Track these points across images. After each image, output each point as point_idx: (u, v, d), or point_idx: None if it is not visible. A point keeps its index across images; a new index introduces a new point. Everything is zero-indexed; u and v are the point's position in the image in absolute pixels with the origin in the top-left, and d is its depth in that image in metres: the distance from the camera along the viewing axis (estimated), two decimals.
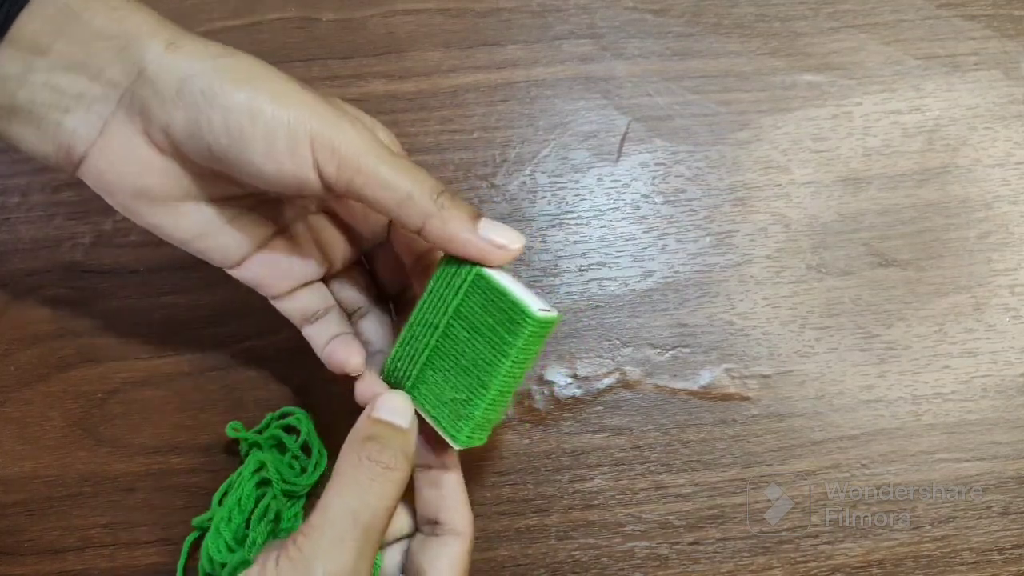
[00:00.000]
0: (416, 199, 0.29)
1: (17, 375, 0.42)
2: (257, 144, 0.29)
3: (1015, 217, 0.44)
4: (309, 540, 0.29)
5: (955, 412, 0.42)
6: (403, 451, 0.31)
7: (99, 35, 0.29)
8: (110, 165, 0.31)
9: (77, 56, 0.29)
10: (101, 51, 0.29)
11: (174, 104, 0.29)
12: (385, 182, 0.29)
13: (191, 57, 0.29)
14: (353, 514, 0.29)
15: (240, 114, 0.28)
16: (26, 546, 0.40)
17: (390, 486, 0.30)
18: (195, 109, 0.29)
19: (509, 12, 0.45)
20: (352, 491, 0.30)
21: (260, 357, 0.42)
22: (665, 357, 0.42)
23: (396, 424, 0.31)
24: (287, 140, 0.29)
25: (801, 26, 0.45)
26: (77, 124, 0.30)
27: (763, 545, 0.41)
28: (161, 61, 0.29)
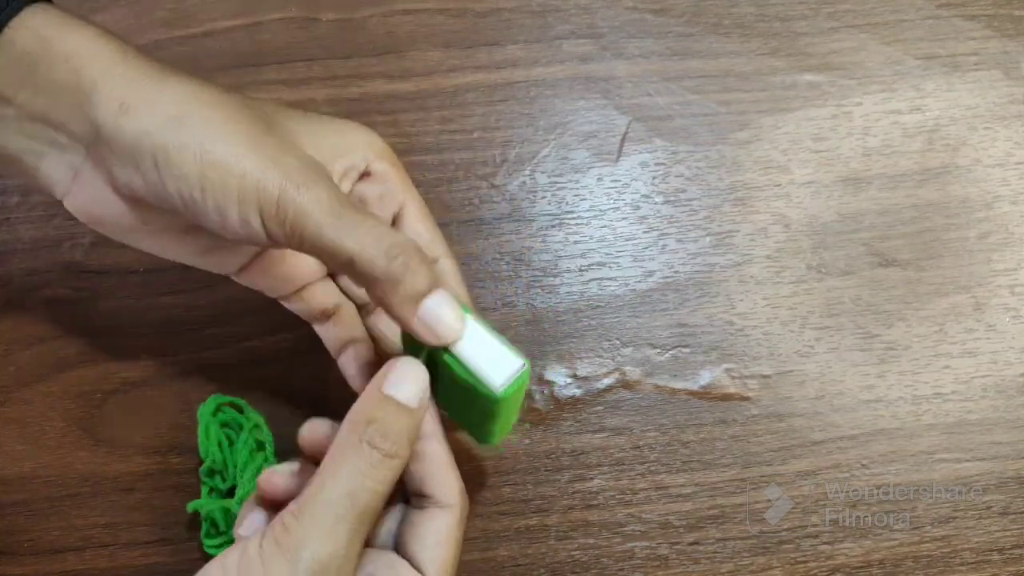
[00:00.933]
0: (357, 265, 0.28)
1: (17, 375, 0.42)
2: (209, 212, 0.29)
3: (1015, 217, 0.44)
4: (300, 523, 0.27)
5: (955, 412, 0.42)
6: (407, 436, 0.29)
7: (59, 86, 0.29)
8: (87, 207, 0.31)
9: (40, 108, 0.29)
10: (62, 104, 0.29)
11: (132, 169, 0.29)
12: (326, 248, 0.28)
13: (142, 121, 0.29)
14: (350, 497, 0.28)
15: (191, 183, 0.28)
16: (26, 546, 0.40)
17: (389, 473, 0.29)
18: (150, 176, 0.29)
19: (509, 12, 0.45)
20: (349, 474, 0.28)
21: (260, 357, 0.42)
22: (665, 357, 0.42)
23: (405, 404, 0.29)
24: (236, 210, 0.29)
25: (801, 26, 0.45)
26: (52, 170, 0.31)
27: (763, 545, 0.41)
28: (114, 125, 0.29)
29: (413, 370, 0.30)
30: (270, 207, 0.28)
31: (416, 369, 0.30)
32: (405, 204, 0.35)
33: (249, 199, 0.28)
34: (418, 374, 0.30)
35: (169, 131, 0.28)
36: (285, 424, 0.42)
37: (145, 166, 0.29)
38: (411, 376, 0.30)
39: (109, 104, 0.29)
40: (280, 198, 0.28)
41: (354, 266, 0.28)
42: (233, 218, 0.29)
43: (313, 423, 0.32)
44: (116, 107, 0.29)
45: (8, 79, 0.29)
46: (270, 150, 0.29)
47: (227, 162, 0.28)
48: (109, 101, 0.29)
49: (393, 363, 0.30)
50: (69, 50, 0.29)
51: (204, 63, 0.44)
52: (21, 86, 0.29)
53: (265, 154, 0.29)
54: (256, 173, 0.28)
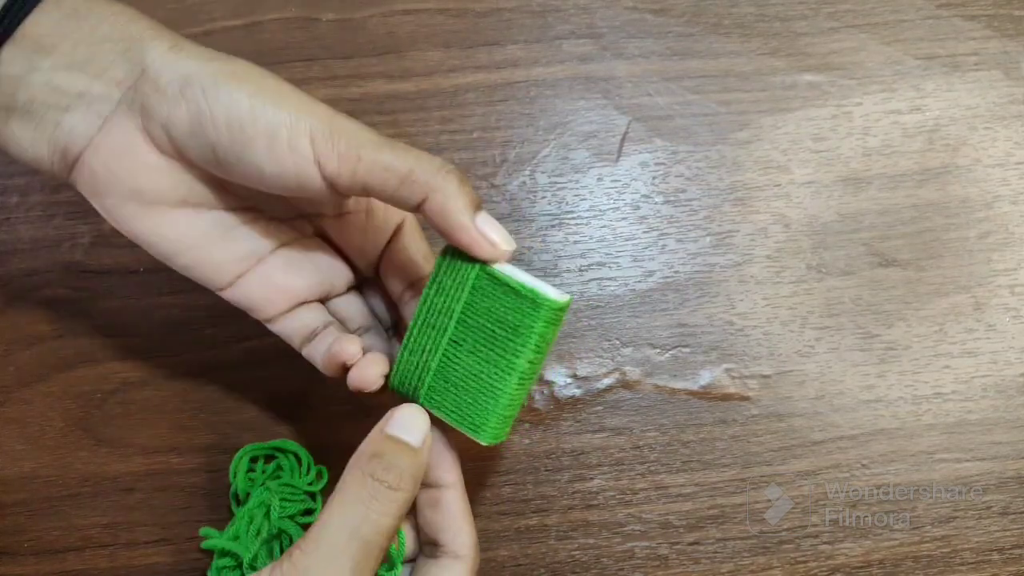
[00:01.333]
0: (418, 174, 0.29)
1: (17, 375, 0.42)
2: (259, 141, 0.29)
3: (1015, 217, 0.44)
4: (305, 555, 0.28)
5: (955, 412, 0.42)
6: (410, 472, 0.30)
7: (104, 38, 0.30)
8: (105, 164, 0.30)
9: (81, 56, 0.29)
10: (105, 52, 0.30)
11: (176, 102, 0.29)
12: (386, 163, 0.29)
13: (193, 58, 0.30)
14: (352, 530, 0.28)
15: (241, 112, 0.29)
16: (26, 546, 0.40)
17: (393, 506, 0.29)
18: (197, 107, 0.29)
19: (509, 12, 0.45)
20: (353, 507, 0.29)
21: (260, 357, 0.42)
22: (665, 357, 0.42)
23: (407, 442, 0.30)
24: (288, 136, 0.29)
25: (801, 26, 0.45)
26: (76, 122, 0.30)
27: (763, 545, 0.41)
28: (164, 60, 0.29)
29: (414, 414, 0.31)
30: (323, 131, 0.29)
31: (417, 413, 0.31)
32: (407, 219, 0.36)
33: (301, 124, 0.29)
34: (419, 418, 0.31)
35: (221, 67, 0.29)
36: (285, 424, 0.42)
37: (193, 95, 0.29)
38: (411, 416, 0.31)
39: (160, 45, 0.30)
40: (332, 124, 0.29)
41: (414, 176, 0.29)
42: (282, 142, 0.29)
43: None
44: (167, 47, 0.30)
45: (54, 29, 0.29)
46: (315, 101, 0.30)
47: (280, 93, 0.29)
48: (160, 43, 0.30)
49: (395, 410, 0.31)
50: (118, 7, 0.30)
51: None
52: (65, 36, 0.29)
53: (312, 99, 0.30)
54: (307, 104, 0.29)
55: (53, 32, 0.29)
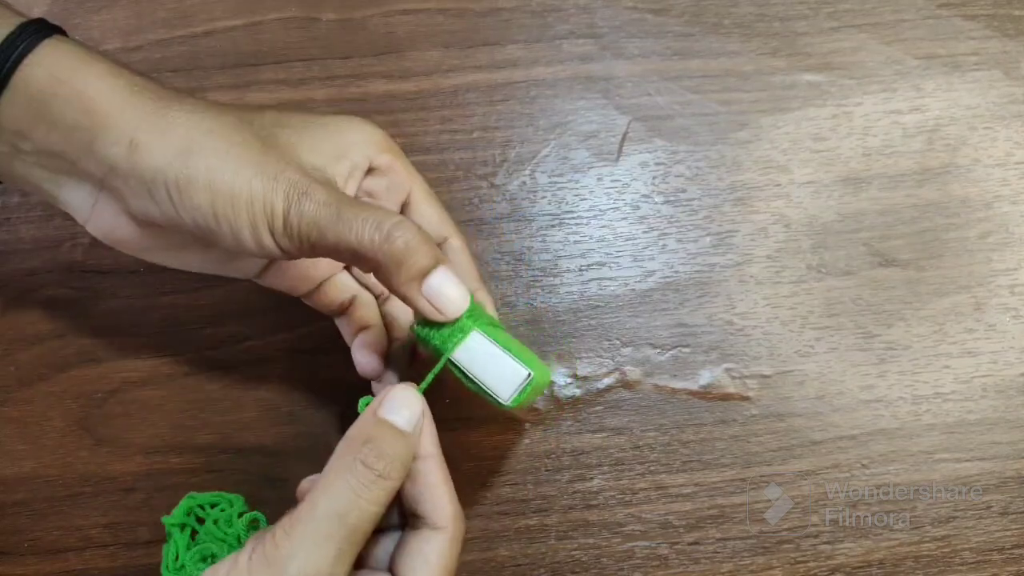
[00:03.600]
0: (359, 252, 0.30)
1: (17, 375, 0.42)
2: (225, 236, 0.31)
3: (1015, 217, 0.44)
4: (289, 537, 0.28)
5: (955, 412, 0.42)
6: (400, 459, 0.30)
7: (72, 126, 0.31)
8: (109, 232, 0.33)
9: (55, 145, 0.31)
10: (74, 142, 0.31)
11: (147, 201, 0.31)
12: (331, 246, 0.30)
13: (153, 156, 0.30)
14: (340, 515, 0.28)
15: (204, 211, 0.30)
16: (27, 546, 0.41)
17: (382, 494, 0.29)
18: (165, 206, 0.31)
19: (509, 12, 0.45)
20: (342, 493, 0.29)
21: (260, 357, 0.42)
22: (665, 357, 0.42)
23: (399, 427, 0.30)
24: (248, 231, 0.31)
25: (801, 26, 0.45)
26: (71, 199, 0.33)
27: (763, 545, 0.41)
28: (127, 161, 0.30)
29: (408, 396, 0.31)
30: (279, 223, 0.30)
31: (411, 396, 0.31)
32: (412, 191, 0.36)
33: (259, 220, 0.30)
34: (413, 400, 0.31)
35: (178, 165, 0.30)
36: (284, 424, 0.42)
37: (159, 198, 0.31)
38: (406, 402, 0.31)
39: (120, 143, 0.30)
40: (286, 213, 0.30)
41: (358, 255, 0.30)
42: (247, 239, 0.31)
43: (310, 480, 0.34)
44: (127, 145, 0.30)
45: (24, 117, 0.31)
46: (272, 167, 0.31)
47: (235, 188, 0.30)
48: (120, 140, 0.30)
49: (390, 389, 0.31)
50: (80, 89, 0.30)
51: (204, 63, 0.45)
52: (36, 124, 0.31)
53: (268, 173, 0.30)
54: (262, 194, 0.30)
55: (24, 119, 0.31)
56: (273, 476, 0.41)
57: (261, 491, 0.41)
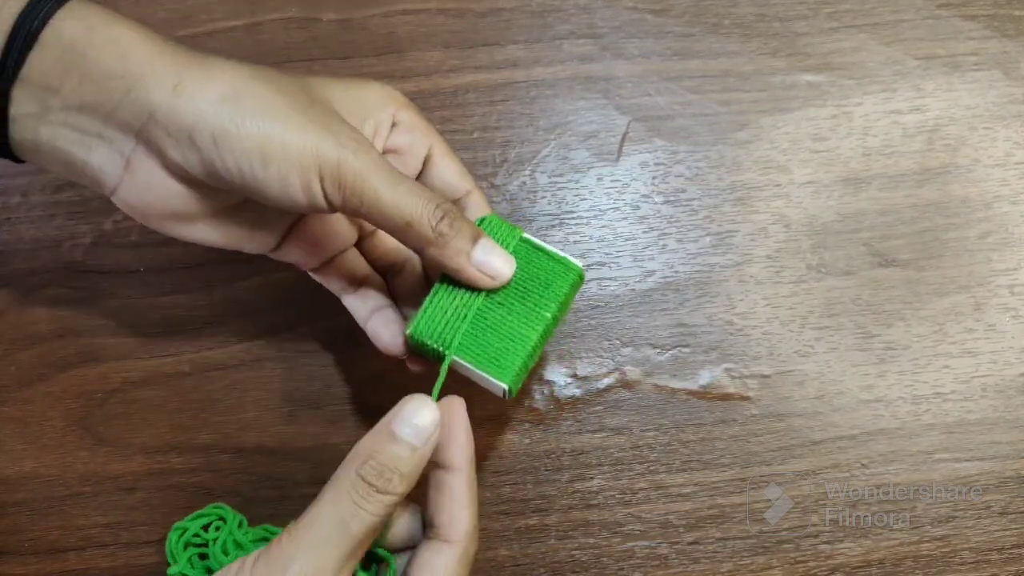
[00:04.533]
0: (414, 227, 0.31)
1: (17, 375, 0.42)
2: (271, 182, 0.30)
3: (1015, 217, 0.44)
4: (293, 541, 0.29)
5: (955, 412, 0.42)
6: (405, 474, 0.30)
7: (107, 74, 0.29)
8: (139, 196, 0.32)
9: (89, 97, 0.30)
10: (111, 91, 0.30)
11: (188, 148, 0.30)
12: (385, 211, 0.31)
13: (197, 100, 0.30)
14: (342, 522, 0.29)
15: (252, 157, 0.30)
16: (27, 546, 0.41)
17: (383, 507, 0.30)
18: (209, 153, 0.30)
19: (509, 12, 0.45)
20: (345, 504, 0.29)
21: (260, 357, 0.42)
22: (665, 357, 0.42)
23: (410, 442, 0.30)
24: (298, 178, 0.30)
25: (801, 26, 0.45)
26: (102, 162, 0.31)
27: (763, 545, 0.41)
28: (169, 106, 0.29)
29: (424, 409, 0.31)
30: (331, 172, 0.30)
31: (426, 408, 0.31)
32: (432, 146, 0.37)
33: (310, 166, 0.30)
34: (427, 412, 0.31)
35: (225, 109, 0.30)
36: (284, 424, 0.42)
37: (203, 143, 0.30)
38: (420, 414, 0.31)
39: (163, 86, 0.29)
40: (340, 164, 0.30)
41: (411, 228, 0.31)
42: (295, 186, 0.30)
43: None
44: (170, 88, 0.29)
45: (56, 68, 0.29)
46: (321, 119, 0.31)
47: (285, 134, 0.30)
48: (162, 83, 0.29)
49: (406, 400, 0.31)
50: (115, 36, 0.30)
51: None
52: (67, 75, 0.29)
53: (319, 123, 0.31)
54: (315, 142, 0.30)
55: (55, 71, 0.29)
56: (273, 476, 0.41)
57: (261, 491, 0.41)
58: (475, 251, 0.33)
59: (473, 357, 0.33)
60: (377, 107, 0.35)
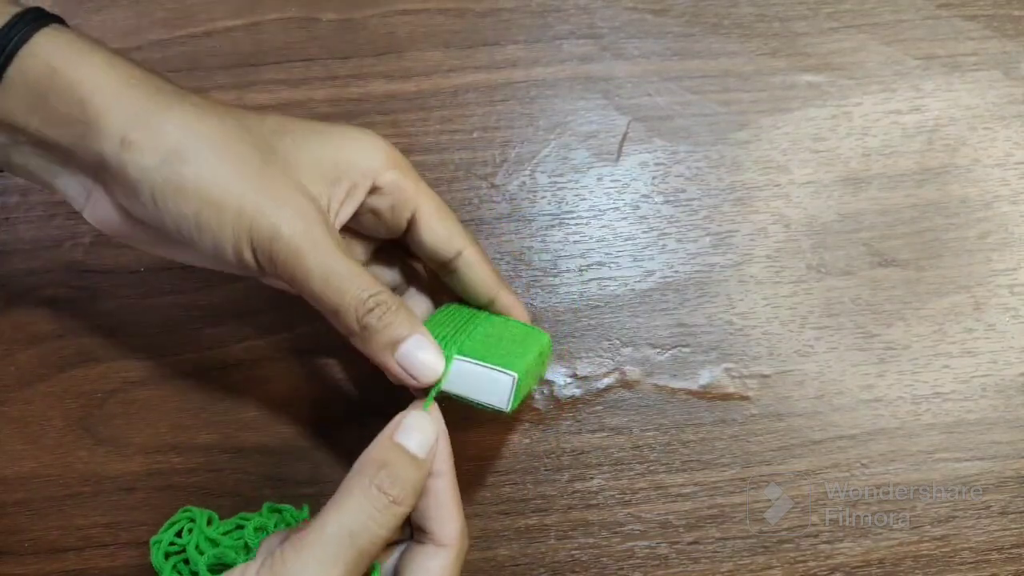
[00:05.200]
0: (340, 316, 0.31)
1: (17, 375, 0.42)
2: (205, 246, 0.30)
3: (1015, 217, 0.44)
4: (299, 555, 0.28)
5: (955, 412, 0.42)
6: (413, 485, 0.30)
7: (65, 118, 0.30)
8: (105, 223, 0.33)
9: (51, 136, 0.30)
10: (69, 135, 0.30)
11: (134, 200, 0.30)
12: (314, 295, 0.31)
13: (142, 157, 0.30)
14: (351, 536, 0.28)
15: (188, 224, 0.30)
16: (26, 546, 0.41)
17: (393, 520, 0.29)
18: (150, 209, 0.30)
19: (509, 12, 0.45)
20: (354, 515, 0.29)
21: (260, 357, 0.42)
22: (665, 357, 0.42)
23: (413, 452, 0.30)
24: (231, 246, 0.30)
25: (801, 26, 0.45)
26: (67, 188, 0.32)
27: (763, 545, 0.41)
28: (117, 159, 0.30)
29: (423, 421, 0.31)
30: (263, 245, 0.30)
31: (426, 420, 0.31)
32: (418, 207, 0.35)
33: (243, 237, 0.30)
34: (427, 425, 0.31)
35: (167, 170, 0.30)
36: (284, 424, 0.42)
37: (144, 200, 0.30)
38: (421, 427, 0.31)
39: (111, 138, 0.30)
40: (273, 238, 0.30)
41: (337, 316, 0.31)
42: (228, 254, 0.30)
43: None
44: (118, 142, 0.30)
45: (20, 107, 0.30)
46: (267, 185, 0.30)
47: (223, 201, 0.30)
48: (111, 135, 0.30)
49: (405, 413, 0.31)
50: (75, 80, 0.30)
51: (204, 63, 0.44)
52: (32, 114, 0.30)
53: (261, 190, 0.30)
54: (251, 211, 0.30)
55: (20, 110, 0.30)
56: (273, 476, 0.41)
57: (261, 491, 0.41)
58: (401, 347, 0.31)
59: (480, 356, 0.33)
60: (356, 167, 0.33)
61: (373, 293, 0.31)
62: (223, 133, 0.31)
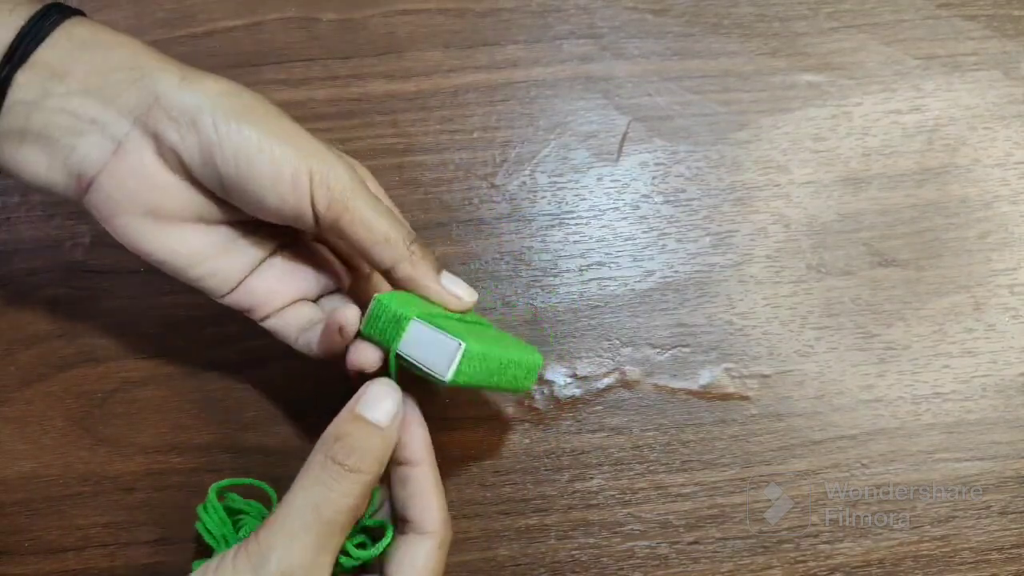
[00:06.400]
0: (392, 243, 0.33)
1: (17, 375, 0.42)
2: (264, 176, 0.31)
3: (1015, 217, 0.44)
4: (269, 532, 0.29)
5: (955, 412, 0.42)
6: (374, 453, 0.30)
7: (116, 66, 0.31)
8: (120, 185, 0.32)
9: (94, 82, 0.31)
10: (118, 80, 0.31)
11: (188, 132, 0.31)
12: (368, 223, 0.32)
13: (204, 91, 0.31)
14: (315, 508, 0.29)
15: (249, 147, 0.31)
16: (26, 546, 0.41)
17: (355, 487, 0.30)
18: (208, 139, 0.31)
19: (509, 12, 0.45)
20: (315, 488, 0.30)
21: (260, 357, 0.42)
22: (665, 357, 0.42)
23: (375, 422, 0.31)
24: (291, 173, 0.31)
25: (801, 26, 0.45)
26: (90, 148, 0.31)
27: (763, 545, 0.41)
28: (176, 91, 0.31)
29: (386, 391, 0.32)
30: (322, 178, 0.31)
31: (389, 390, 0.32)
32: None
33: (302, 168, 0.31)
34: (391, 394, 0.32)
35: (228, 101, 0.31)
36: (284, 424, 0.42)
37: (205, 128, 0.31)
38: (384, 396, 0.32)
39: (170, 77, 0.31)
40: (331, 173, 0.31)
41: (388, 243, 0.33)
42: (286, 182, 0.31)
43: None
44: (177, 79, 0.31)
45: (66, 58, 0.31)
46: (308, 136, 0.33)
47: (285, 131, 0.32)
48: (170, 75, 0.31)
49: (368, 385, 0.32)
50: (124, 40, 0.32)
51: (204, 63, 0.44)
52: (78, 62, 0.31)
53: (307, 139, 0.32)
54: (311, 146, 0.32)
55: (66, 59, 0.30)
56: (273, 476, 0.41)
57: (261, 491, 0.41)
58: (441, 277, 0.34)
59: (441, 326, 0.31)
60: None
61: (410, 229, 0.34)
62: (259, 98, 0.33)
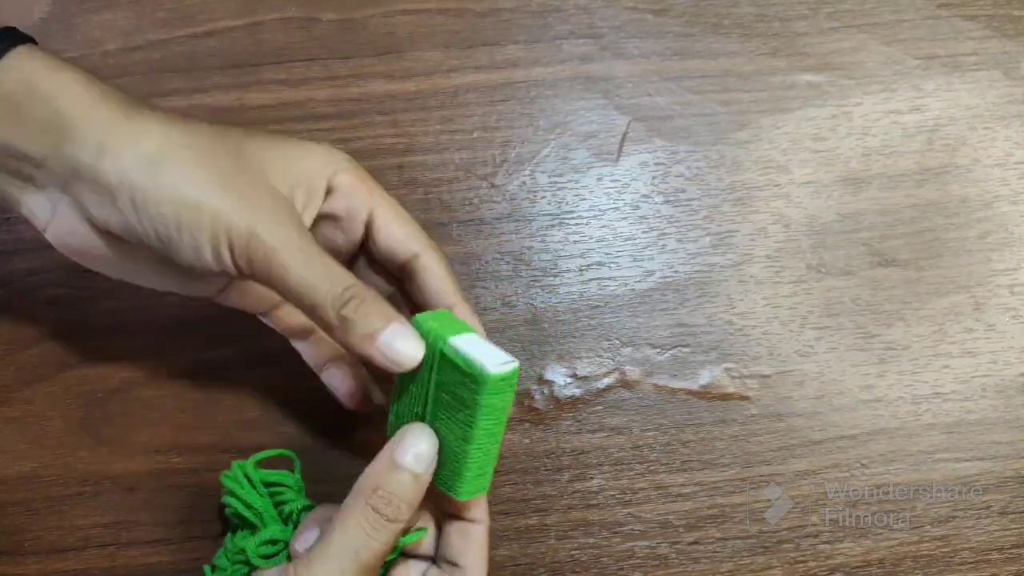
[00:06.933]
0: (318, 311, 0.31)
1: (18, 375, 0.42)
2: (184, 248, 0.31)
3: (1015, 217, 0.44)
4: (309, 571, 0.30)
5: (955, 412, 0.42)
6: (409, 502, 0.31)
7: (40, 127, 0.30)
8: (67, 241, 0.33)
9: (22, 145, 0.31)
10: (42, 143, 0.30)
11: (109, 207, 0.31)
12: (291, 291, 0.31)
13: (120, 160, 0.30)
14: (355, 553, 0.30)
15: (167, 221, 0.30)
16: (27, 546, 0.41)
17: (391, 535, 0.31)
18: (127, 214, 0.30)
19: (509, 12, 0.45)
20: (355, 534, 0.31)
21: (260, 356, 0.42)
22: (665, 357, 0.42)
23: (412, 469, 0.32)
24: (209, 246, 0.31)
25: (801, 26, 0.45)
26: (33, 204, 0.32)
27: (763, 545, 0.41)
28: (93, 165, 0.30)
29: (423, 437, 0.32)
30: (241, 244, 0.30)
31: (425, 436, 0.32)
32: (373, 210, 0.35)
33: (221, 237, 0.30)
34: (427, 441, 0.32)
35: (146, 172, 0.30)
36: (284, 424, 0.42)
37: (122, 205, 0.30)
38: (421, 443, 0.32)
39: (88, 145, 0.30)
40: (250, 236, 0.30)
41: (315, 312, 0.31)
42: (207, 255, 0.31)
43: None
44: (95, 148, 0.30)
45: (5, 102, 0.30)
46: (242, 188, 0.31)
47: (201, 202, 0.30)
48: (88, 142, 0.30)
49: (406, 429, 0.32)
50: (51, 91, 0.30)
51: (204, 63, 0.45)
52: (4, 122, 0.30)
53: (237, 192, 0.31)
54: (229, 212, 0.30)
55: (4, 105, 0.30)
56: None
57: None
58: (381, 336, 0.31)
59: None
60: (311, 173, 0.34)
61: (348, 286, 0.31)
62: (198, 139, 0.31)
